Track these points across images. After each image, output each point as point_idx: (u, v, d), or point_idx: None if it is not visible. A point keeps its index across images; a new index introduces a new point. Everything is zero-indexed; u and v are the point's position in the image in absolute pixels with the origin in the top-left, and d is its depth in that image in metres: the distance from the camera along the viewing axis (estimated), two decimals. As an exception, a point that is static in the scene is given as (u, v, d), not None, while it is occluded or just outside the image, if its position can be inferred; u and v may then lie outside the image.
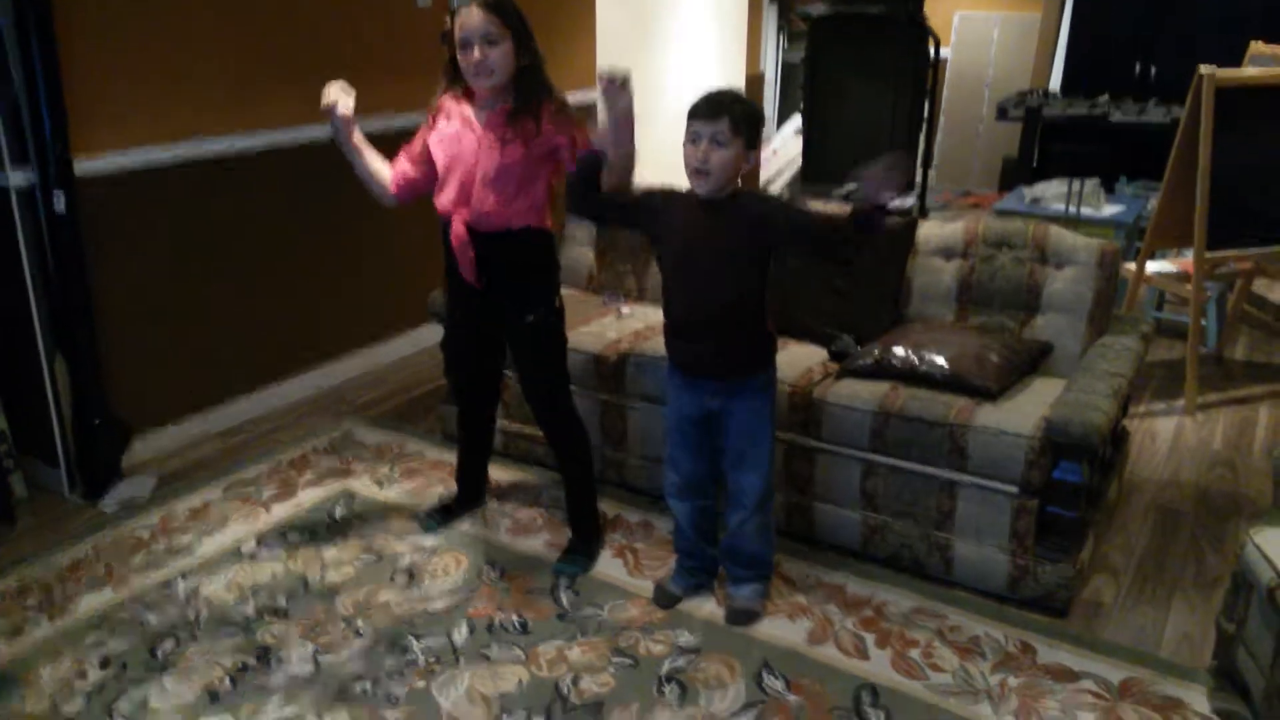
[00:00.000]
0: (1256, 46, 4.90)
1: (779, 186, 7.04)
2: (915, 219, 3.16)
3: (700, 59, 6.92)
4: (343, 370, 4.09)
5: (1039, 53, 7.57)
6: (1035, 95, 6.44)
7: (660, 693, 2.25)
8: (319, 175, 3.72)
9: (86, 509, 3.07)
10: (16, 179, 2.87)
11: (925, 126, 6.46)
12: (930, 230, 3.09)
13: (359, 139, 2.59)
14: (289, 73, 3.59)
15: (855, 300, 3.06)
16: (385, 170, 2.63)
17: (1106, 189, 5.35)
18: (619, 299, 3.46)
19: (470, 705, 2.21)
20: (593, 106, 2.39)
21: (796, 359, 2.90)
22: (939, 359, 2.68)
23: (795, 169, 6.69)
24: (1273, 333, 4.78)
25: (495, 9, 2.36)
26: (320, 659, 2.36)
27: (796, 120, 6.46)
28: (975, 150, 7.99)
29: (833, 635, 2.45)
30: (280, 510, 3.04)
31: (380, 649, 2.40)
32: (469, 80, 2.43)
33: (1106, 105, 5.97)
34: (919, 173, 6.17)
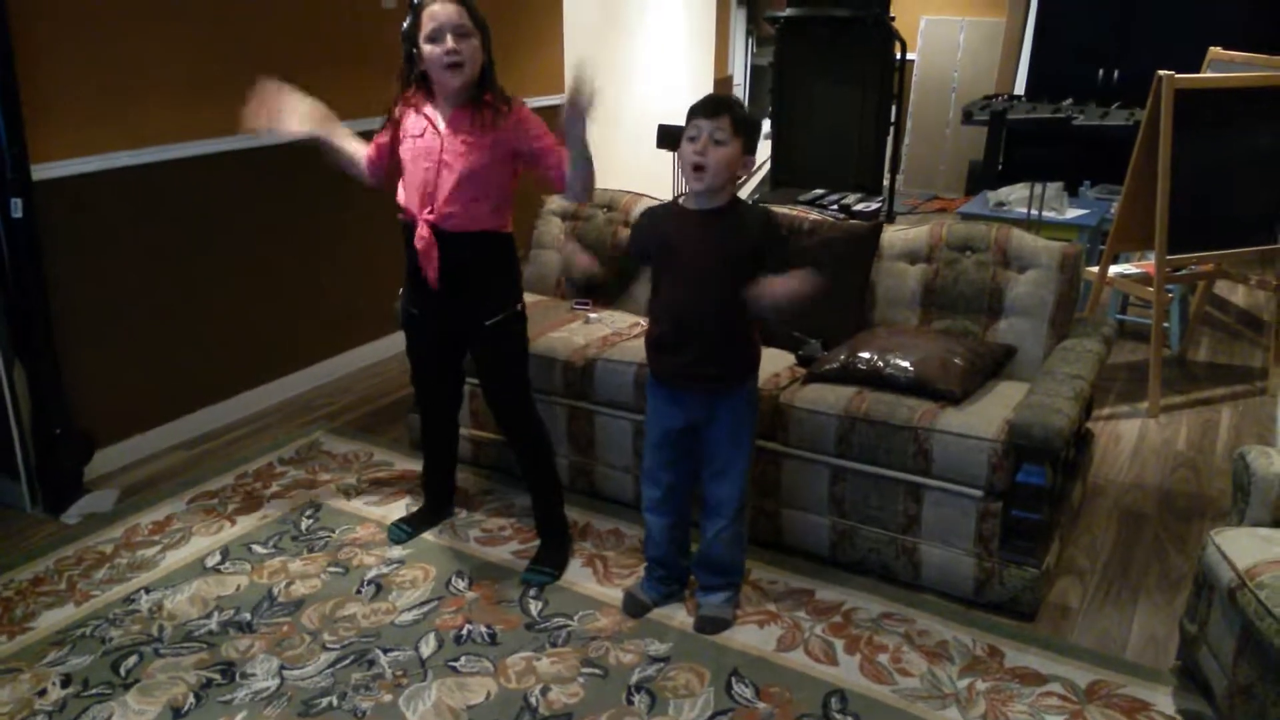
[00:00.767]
0: (1215, 52, 4.97)
1: (747, 191, 7.06)
2: (880, 223, 3.18)
3: (669, 62, 6.93)
4: (309, 379, 4.05)
5: (1004, 57, 7.66)
6: (1000, 99, 6.50)
7: (629, 702, 2.24)
8: (283, 180, 3.69)
9: (48, 522, 3.02)
10: (-28, 188, 2.82)
11: (892, 130, 6.51)
12: (895, 234, 3.11)
13: (334, 135, 2.61)
14: (252, 75, 3.55)
15: (821, 305, 3.06)
16: (361, 149, 2.66)
17: (1070, 192, 5.39)
18: (587, 304, 3.45)
19: (438, 718, 2.20)
20: (557, 109, 2.38)
21: (764, 364, 2.89)
22: (904, 363, 2.70)
23: (764, 172, 6.72)
24: (1234, 335, 4.85)
25: (465, 3, 2.39)
26: (286, 673, 2.34)
27: (765, 124, 6.49)
28: (942, 154, 8.06)
29: (802, 641, 2.46)
30: (245, 522, 3.00)
31: (347, 662, 2.37)
32: (437, 74, 2.41)
33: (1070, 109, 6.03)
34: (885, 177, 6.22)
